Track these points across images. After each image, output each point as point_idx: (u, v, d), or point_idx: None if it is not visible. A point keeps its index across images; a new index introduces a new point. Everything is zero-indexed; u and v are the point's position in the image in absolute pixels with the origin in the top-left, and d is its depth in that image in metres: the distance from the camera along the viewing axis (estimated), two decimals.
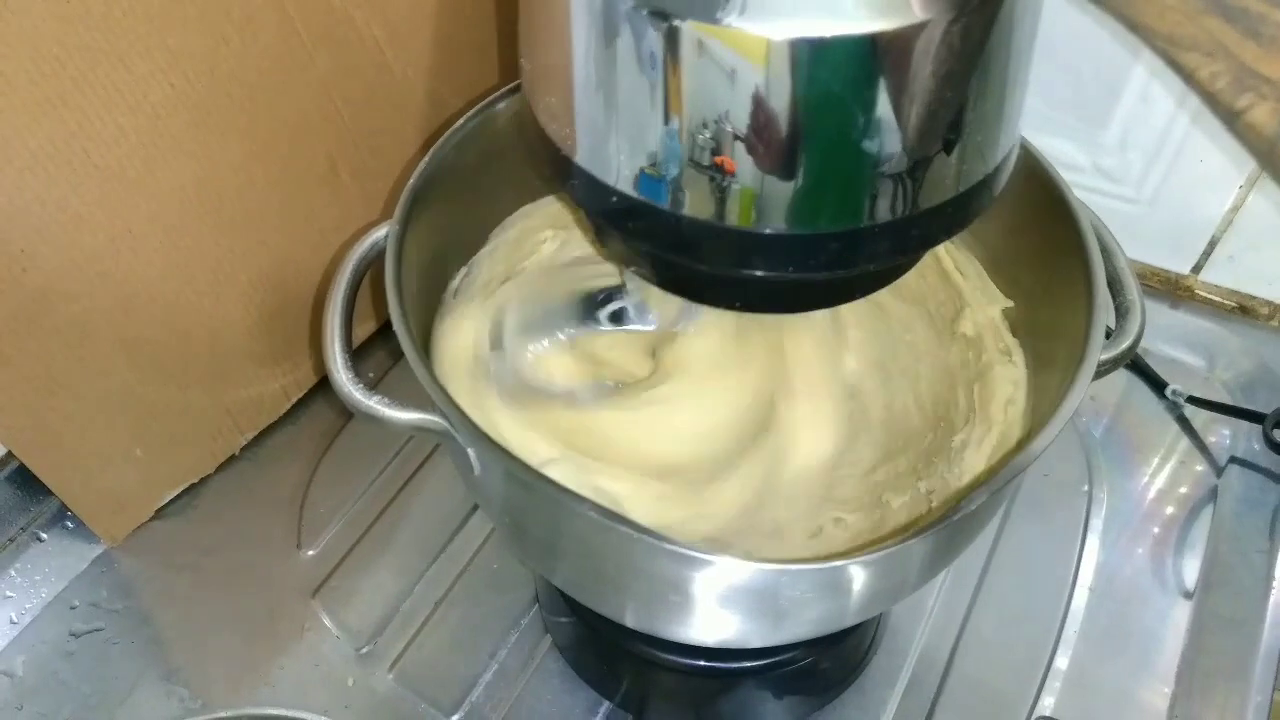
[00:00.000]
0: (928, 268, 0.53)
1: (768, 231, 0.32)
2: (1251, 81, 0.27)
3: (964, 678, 0.54)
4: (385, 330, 0.69)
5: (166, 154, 0.50)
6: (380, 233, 0.44)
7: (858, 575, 0.37)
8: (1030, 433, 0.44)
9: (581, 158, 0.34)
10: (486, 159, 0.48)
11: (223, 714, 0.50)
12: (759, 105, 0.29)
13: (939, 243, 0.36)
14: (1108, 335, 0.42)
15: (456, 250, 0.51)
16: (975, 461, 0.45)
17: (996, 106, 0.33)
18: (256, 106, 0.53)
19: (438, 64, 0.61)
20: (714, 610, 0.39)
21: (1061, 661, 0.55)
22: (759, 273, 0.34)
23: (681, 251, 0.34)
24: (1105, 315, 0.41)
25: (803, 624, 0.41)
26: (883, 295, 0.54)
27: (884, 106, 0.30)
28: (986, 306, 0.50)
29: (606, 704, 0.54)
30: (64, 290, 0.50)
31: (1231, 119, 0.28)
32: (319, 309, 0.63)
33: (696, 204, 0.32)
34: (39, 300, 0.49)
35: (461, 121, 0.47)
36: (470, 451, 0.39)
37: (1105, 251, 0.43)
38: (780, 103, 0.29)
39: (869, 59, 0.29)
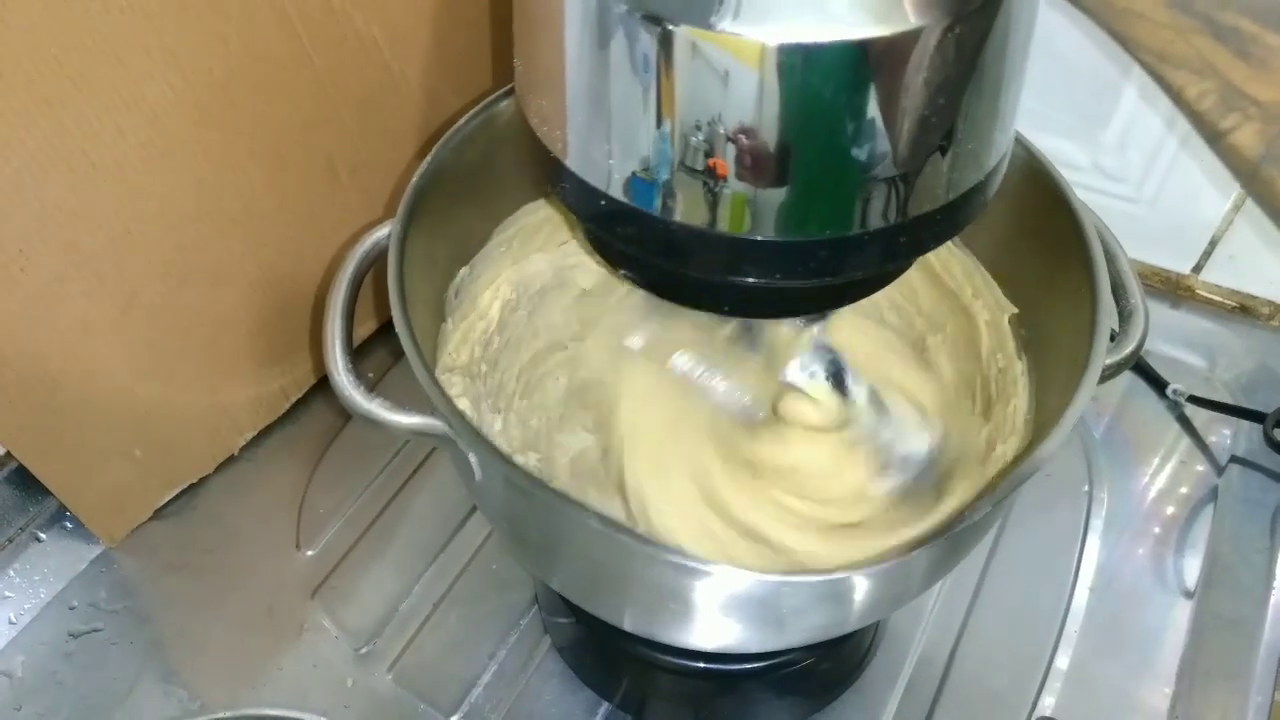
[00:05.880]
0: (932, 276, 0.53)
1: (758, 238, 0.32)
2: (1238, 102, 0.27)
3: (964, 678, 0.54)
4: (385, 329, 0.68)
5: (165, 153, 0.50)
6: (382, 232, 0.43)
7: (859, 586, 0.37)
8: (1033, 440, 0.44)
9: (572, 161, 0.34)
10: (489, 158, 0.48)
11: (222, 715, 0.50)
12: (752, 110, 0.29)
13: (929, 250, 0.35)
14: (1111, 339, 0.41)
15: (458, 249, 0.51)
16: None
17: (990, 113, 0.32)
18: (255, 106, 0.53)
19: (437, 64, 0.61)
20: (713, 618, 0.39)
21: (1062, 661, 0.55)
22: (749, 279, 0.34)
23: (671, 257, 0.34)
24: (1109, 321, 0.41)
25: (803, 631, 0.41)
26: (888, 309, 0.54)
27: (878, 112, 0.29)
28: (993, 313, 0.50)
29: (606, 705, 0.53)
30: (62, 290, 0.49)
31: (1216, 139, 0.28)
32: (318, 308, 0.63)
33: (687, 209, 0.32)
34: (37, 300, 0.49)
35: (464, 120, 0.47)
36: (471, 456, 0.39)
37: (1108, 255, 0.43)
38: (773, 108, 0.29)
39: (864, 65, 0.29)
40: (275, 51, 0.52)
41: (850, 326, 0.52)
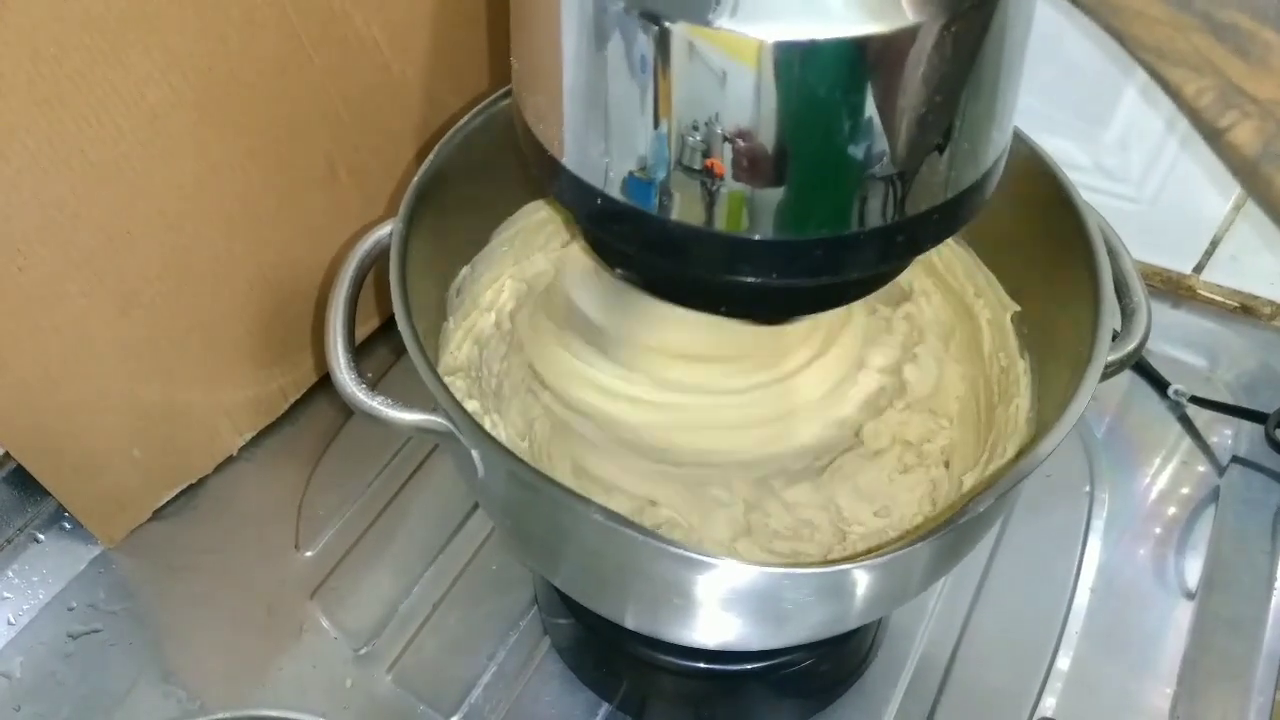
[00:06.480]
0: (934, 275, 0.53)
1: (756, 237, 0.32)
2: (1236, 99, 0.27)
3: (965, 678, 0.54)
4: (386, 328, 0.68)
5: (165, 153, 0.50)
6: (383, 231, 0.43)
7: (861, 579, 0.37)
8: (1035, 436, 0.44)
9: (569, 160, 0.34)
10: (490, 157, 0.48)
11: (221, 715, 0.49)
12: (749, 108, 0.29)
13: (928, 249, 0.35)
14: (1113, 337, 0.41)
15: (460, 248, 0.51)
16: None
17: (988, 110, 0.32)
18: (255, 106, 0.53)
19: (437, 64, 0.61)
20: (716, 613, 0.39)
21: (1063, 662, 0.55)
22: (746, 278, 0.34)
23: (668, 256, 0.34)
24: (1112, 319, 0.41)
25: (805, 627, 0.41)
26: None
27: (875, 110, 0.29)
28: (995, 312, 0.50)
29: (606, 706, 0.53)
30: (62, 290, 0.49)
31: (1214, 136, 0.28)
32: (317, 309, 0.63)
33: (684, 208, 0.32)
34: (37, 300, 0.49)
35: (465, 120, 0.47)
36: (474, 453, 0.39)
37: (1111, 253, 0.43)
38: (770, 106, 0.29)
39: (861, 62, 0.29)
40: (275, 51, 0.52)
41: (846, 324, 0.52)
